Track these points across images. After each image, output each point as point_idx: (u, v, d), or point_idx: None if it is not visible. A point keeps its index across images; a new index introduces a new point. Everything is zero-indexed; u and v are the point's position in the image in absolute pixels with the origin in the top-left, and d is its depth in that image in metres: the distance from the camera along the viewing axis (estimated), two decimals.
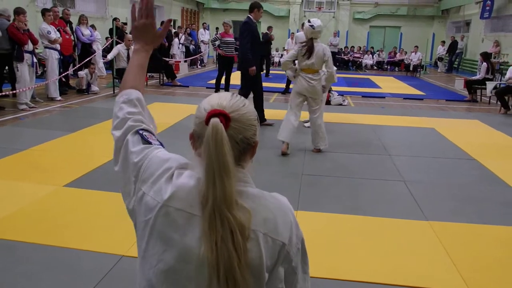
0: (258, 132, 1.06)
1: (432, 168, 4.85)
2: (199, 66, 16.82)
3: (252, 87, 6.53)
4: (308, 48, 4.92)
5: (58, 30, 8.27)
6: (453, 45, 18.30)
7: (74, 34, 9.73)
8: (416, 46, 17.72)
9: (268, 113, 7.33)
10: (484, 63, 10.10)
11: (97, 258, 2.68)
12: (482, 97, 10.42)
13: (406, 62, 18.14)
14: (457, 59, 18.89)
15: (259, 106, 6.54)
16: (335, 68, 5.19)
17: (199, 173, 0.99)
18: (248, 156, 1.06)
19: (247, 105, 1.04)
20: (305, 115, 5.72)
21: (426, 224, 3.34)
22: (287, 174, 4.42)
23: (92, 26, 11.64)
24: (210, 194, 0.93)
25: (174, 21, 19.33)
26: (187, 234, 0.97)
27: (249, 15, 6.44)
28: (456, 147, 5.75)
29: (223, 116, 0.97)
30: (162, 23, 15.01)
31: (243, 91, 6.47)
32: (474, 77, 10.72)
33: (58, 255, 2.71)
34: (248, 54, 6.26)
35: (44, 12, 8.02)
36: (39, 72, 8.09)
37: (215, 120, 0.95)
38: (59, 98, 8.15)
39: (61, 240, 2.89)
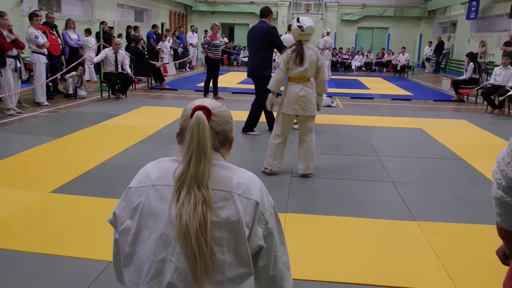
0: (234, 129, 1.29)
1: (420, 168, 4.89)
2: (187, 69, 16.77)
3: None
4: (299, 53, 4.17)
5: (44, 33, 8.19)
6: (440, 45, 18.53)
7: (61, 38, 9.64)
8: (403, 47, 17.91)
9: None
10: (471, 63, 10.20)
11: (84, 264, 2.65)
12: (469, 97, 10.53)
13: (394, 63, 18.30)
14: (444, 60, 19.13)
15: (258, 114, 6.22)
16: (328, 75, 4.42)
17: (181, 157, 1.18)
18: (226, 148, 1.27)
19: (225, 106, 1.27)
20: None
21: (415, 224, 3.36)
22: (276, 176, 4.41)
23: (88, 31, 11.55)
24: (185, 170, 1.13)
25: (162, 24, 19.26)
26: (172, 204, 1.13)
27: (264, 20, 6.06)
28: (444, 147, 5.80)
29: (206, 110, 1.18)
30: (153, 26, 15.01)
31: (263, 98, 5.02)
32: (461, 77, 10.82)
33: (45, 262, 2.68)
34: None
35: (31, 16, 7.94)
36: (25, 77, 7.97)
37: (199, 112, 1.16)
38: (46, 103, 8.07)
39: (47, 247, 2.85)
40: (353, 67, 19.23)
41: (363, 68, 19.57)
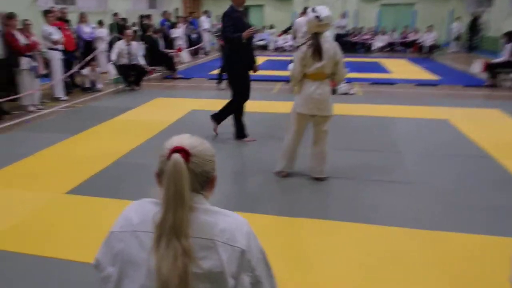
0: (216, 167, 1.23)
1: (443, 168, 4.46)
2: (202, 55, 16.47)
3: (245, 91, 5.25)
4: (316, 47, 3.84)
5: (60, 29, 8.18)
6: (474, 22, 17.36)
7: (75, 32, 9.63)
8: (431, 26, 16.94)
9: (271, 107, 7.14)
10: (510, 44, 9.12)
11: (86, 269, 2.55)
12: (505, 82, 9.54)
13: (420, 42, 17.38)
14: (478, 38, 17.87)
15: (240, 118, 5.38)
16: (346, 69, 4.01)
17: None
18: (208, 188, 1.21)
19: (205, 143, 1.20)
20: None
21: (424, 233, 3.11)
22: (289, 179, 4.22)
23: (100, 23, 11.53)
24: (163, 219, 1.08)
25: (176, 10, 18.98)
26: (152, 254, 1.08)
27: (232, 4, 5.12)
28: (472, 144, 5.27)
29: (184, 152, 1.11)
30: (163, 13, 14.74)
31: (237, 98, 5.26)
32: (496, 60, 9.72)
33: (47, 266, 2.70)
34: (229, 35, 4.99)
35: (45, 13, 7.93)
36: (42, 73, 7.99)
37: (176, 155, 1.10)
38: (64, 97, 8.20)
39: (53, 250, 2.87)
40: (373, 48, 18.37)
41: (386, 49, 18.65)
